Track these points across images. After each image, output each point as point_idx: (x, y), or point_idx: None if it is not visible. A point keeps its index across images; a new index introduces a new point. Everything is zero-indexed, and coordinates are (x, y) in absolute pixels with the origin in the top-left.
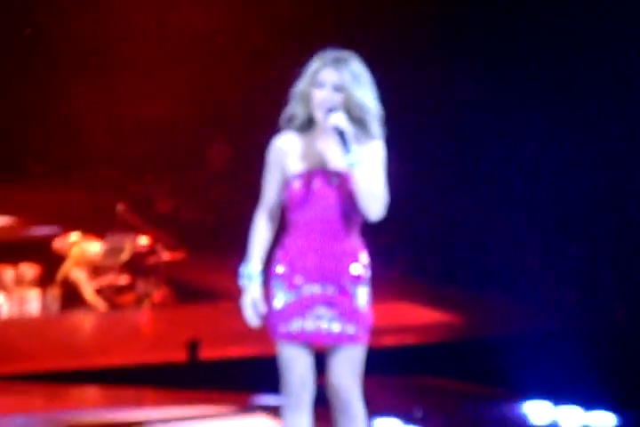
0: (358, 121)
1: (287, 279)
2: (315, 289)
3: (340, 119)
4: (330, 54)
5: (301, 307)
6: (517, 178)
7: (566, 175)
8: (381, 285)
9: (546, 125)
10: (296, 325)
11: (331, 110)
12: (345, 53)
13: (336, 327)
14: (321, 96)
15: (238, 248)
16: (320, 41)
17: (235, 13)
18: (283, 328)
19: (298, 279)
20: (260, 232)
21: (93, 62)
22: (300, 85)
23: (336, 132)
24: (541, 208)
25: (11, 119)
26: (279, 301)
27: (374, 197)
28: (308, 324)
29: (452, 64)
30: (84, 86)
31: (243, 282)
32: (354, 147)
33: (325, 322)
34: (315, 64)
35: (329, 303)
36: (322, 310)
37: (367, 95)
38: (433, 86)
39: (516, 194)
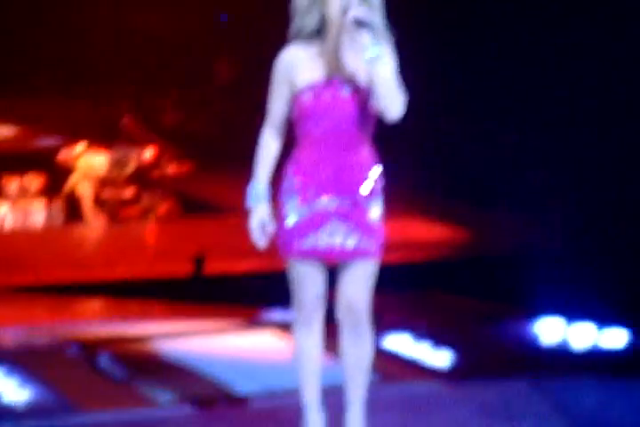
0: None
1: (300, 193)
2: (329, 202)
3: (361, 11)
4: None
5: (315, 222)
6: (536, 85)
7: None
8: (389, 199)
9: None
10: (310, 241)
11: (344, 9)
12: None
13: (351, 242)
14: None
15: (245, 162)
16: None
17: None
18: (296, 245)
19: (311, 193)
20: (267, 149)
21: None
22: None
23: (358, 26)
24: (556, 124)
25: (16, 30)
26: (292, 217)
27: (395, 92)
28: (321, 239)
29: None
30: None
31: (250, 202)
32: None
33: (340, 237)
34: None
35: (343, 217)
36: (336, 225)
37: None
38: None
39: (529, 105)
